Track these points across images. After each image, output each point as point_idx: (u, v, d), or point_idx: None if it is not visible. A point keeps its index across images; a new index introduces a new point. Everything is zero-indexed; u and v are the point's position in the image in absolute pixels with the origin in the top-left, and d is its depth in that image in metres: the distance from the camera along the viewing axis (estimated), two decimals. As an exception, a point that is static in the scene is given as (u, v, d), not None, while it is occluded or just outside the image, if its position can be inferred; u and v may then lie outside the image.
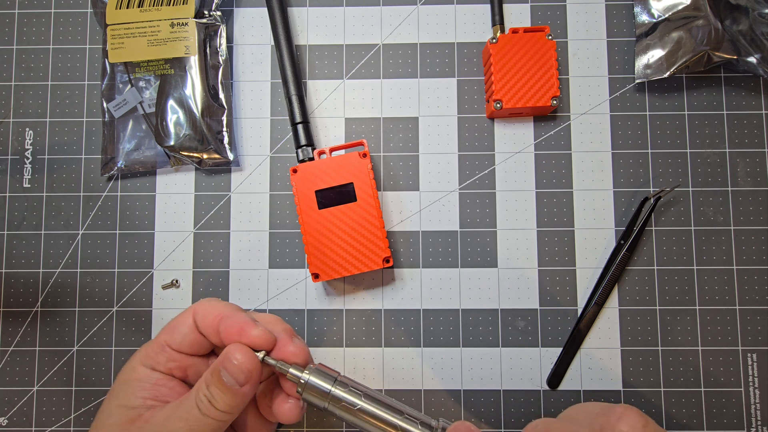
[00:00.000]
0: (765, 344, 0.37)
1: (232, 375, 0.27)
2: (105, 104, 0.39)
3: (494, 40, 0.37)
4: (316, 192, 0.35)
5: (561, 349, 0.38)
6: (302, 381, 0.27)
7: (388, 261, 0.35)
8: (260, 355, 0.27)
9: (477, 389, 0.37)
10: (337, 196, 0.36)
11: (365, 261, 0.35)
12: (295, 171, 0.36)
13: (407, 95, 0.40)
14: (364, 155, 0.36)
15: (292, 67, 0.38)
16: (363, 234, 0.35)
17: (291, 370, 0.28)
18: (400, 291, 0.38)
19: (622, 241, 0.38)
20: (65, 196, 0.39)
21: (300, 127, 0.37)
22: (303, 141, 0.37)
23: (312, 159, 0.36)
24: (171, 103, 0.38)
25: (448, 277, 0.38)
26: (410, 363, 0.38)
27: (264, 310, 0.39)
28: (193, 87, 0.38)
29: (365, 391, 0.28)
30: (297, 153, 0.37)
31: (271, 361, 0.27)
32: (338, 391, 0.27)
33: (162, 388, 0.29)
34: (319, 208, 0.35)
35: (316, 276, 0.35)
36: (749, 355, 0.37)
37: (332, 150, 0.36)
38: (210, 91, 0.38)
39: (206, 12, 0.39)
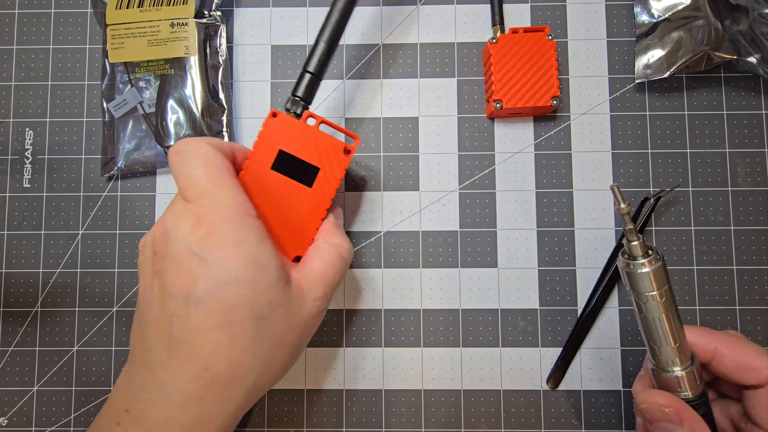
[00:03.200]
0: (765, 344, 0.37)
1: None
2: (105, 104, 0.39)
3: (494, 40, 0.37)
4: (280, 151, 0.31)
5: (561, 349, 0.38)
6: (659, 256, 0.27)
7: (297, 260, 0.32)
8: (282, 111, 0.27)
9: (477, 389, 0.37)
10: (296, 170, 0.31)
11: (280, 245, 0.31)
12: (274, 115, 0.31)
13: (407, 95, 0.40)
14: (348, 152, 0.32)
15: (343, 13, 0.32)
16: (294, 220, 0.31)
17: (635, 245, 0.28)
18: (400, 291, 0.38)
19: (622, 241, 0.38)
20: (65, 196, 0.39)
21: (307, 78, 0.31)
22: (301, 93, 0.31)
23: (299, 116, 0.32)
24: (171, 103, 0.38)
25: (448, 277, 0.38)
26: (410, 363, 0.38)
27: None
28: (193, 87, 0.38)
29: (674, 300, 0.28)
30: (287, 101, 0.32)
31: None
32: (658, 294, 0.27)
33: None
34: (272, 167, 0.31)
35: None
36: (749, 355, 0.37)
37: (322, 122, 0.32)
38: (210, 91, 0.38)
39: (206, 12, 0.39)
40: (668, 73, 0.37)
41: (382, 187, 0.39)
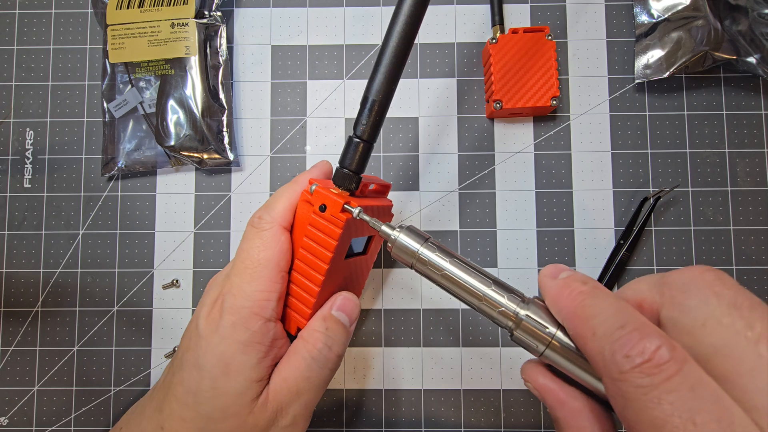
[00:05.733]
0: None
1: (348, 314, 0.28)
2: (105, 104, 0.39)
3: (494, 41, 0.37)
4: (354, 240, 0.29)
5: (561, 348, 0.38)
6: (392, 237, 0.26)
7: None
8: (356, 211, 0.26)
9: (477, 389, 0.37)
10: (358, 245, 0.31)
11: None
12: (346, 206, 0.26)
13: (407, 95, 0.40)
14: (389, 208, 0.32)
15: (396, 60, 0.26)
16: (347, 288, 0.31)
17: (383, 227, 0.27)
18: (400, 291, 0.38)
19: (622, 241, 0.38)
20: (66, 196, 0.40)
21: (361, 148, 0.26)
22: (354, 166, 0.27)
23: (354, 192, 0.27)
24: (171, 103, 0.38)
25: (448, 277, 0.38)
26: (410, 363, 0.38)
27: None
28: (194, 87, 0.38)
29: (455, 255, 0.26)
30: (337, 173, 0.27)
31: (366, 218, 0.27)
32: (426, 252, 0.26)
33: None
34: (346, 257, 0.29)
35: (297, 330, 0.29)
36: (749, 354, 0.37)
37: (372, 185, 0.30)
38: (210, 91, 0.38)
39: (206, 12, 0.39)
40: (668, 73, 0.37)
41: (382, 187, 0.39)
